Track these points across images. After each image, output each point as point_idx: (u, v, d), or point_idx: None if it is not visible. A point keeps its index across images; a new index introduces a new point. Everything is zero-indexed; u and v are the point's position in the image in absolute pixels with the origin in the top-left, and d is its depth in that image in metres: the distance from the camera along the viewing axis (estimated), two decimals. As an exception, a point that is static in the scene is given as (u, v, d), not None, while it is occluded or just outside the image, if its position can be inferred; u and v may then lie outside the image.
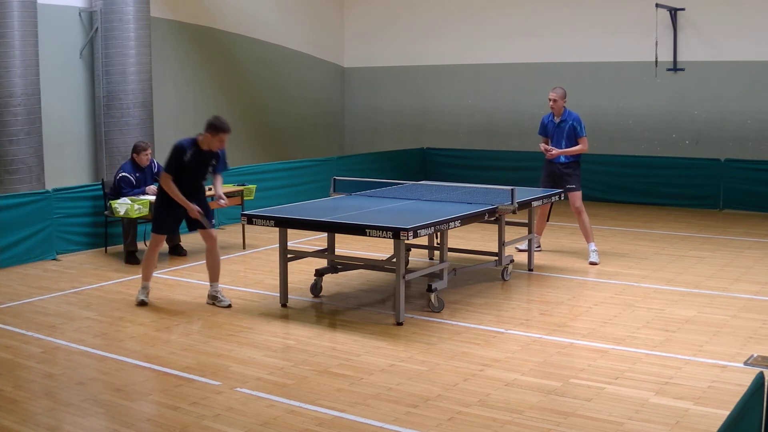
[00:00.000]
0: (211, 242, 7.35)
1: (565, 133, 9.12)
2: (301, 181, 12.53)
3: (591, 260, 8.88)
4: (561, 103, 9.13)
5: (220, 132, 7.06)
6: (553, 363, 5.73)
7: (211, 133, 7.05)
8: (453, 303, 7.25)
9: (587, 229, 9.04)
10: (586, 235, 9.06)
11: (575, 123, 9.10)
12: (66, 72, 11.33)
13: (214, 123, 7.08)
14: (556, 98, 9.11)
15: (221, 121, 7.09)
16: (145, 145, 9.31)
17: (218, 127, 7.05)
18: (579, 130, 9.08)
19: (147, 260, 7.42)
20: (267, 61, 14.69)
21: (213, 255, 7.36)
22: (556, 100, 9.11)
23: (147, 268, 7.44)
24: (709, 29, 12.76)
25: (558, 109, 9.13)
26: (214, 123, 7.08)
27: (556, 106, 9.12)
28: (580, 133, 9.08)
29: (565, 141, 9.12)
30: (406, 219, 6.78)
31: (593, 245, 9.00)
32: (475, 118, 15.06)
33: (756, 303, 7.23)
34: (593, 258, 8.89)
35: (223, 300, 7.31)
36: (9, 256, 8.89)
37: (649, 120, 13.44)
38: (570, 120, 9.11)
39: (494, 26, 14.67)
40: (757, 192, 12.22)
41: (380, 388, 5.27)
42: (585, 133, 9.14)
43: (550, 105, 9.17)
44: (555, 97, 9.12)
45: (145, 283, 7.43)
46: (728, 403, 4.81)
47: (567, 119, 9.12)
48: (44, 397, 5.24)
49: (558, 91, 9.16)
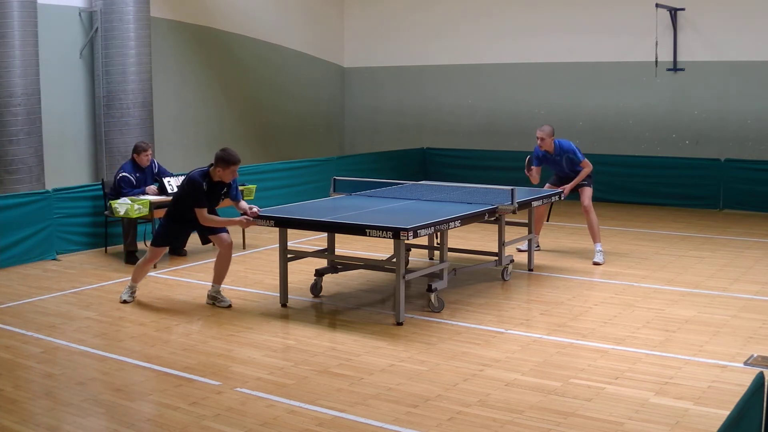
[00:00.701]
0: (226, 247, 7.31)
1: (564, 164, 9.09)
2: (301, 181, 12.53)
3: (595, 260, 8.85)
4: (549, 141, 8.99)
5: (231, 165, 6.99)
6: (553, 363, 5.73)
7: (222, 167, 6.97)
8: (453, 303, 7.25)
9: (594, 228, 9.01)
10: (593, 234, 9.03)
11: (570, 155, 9.02)
12: (66, 72, 11.33)
13: (224, 157, 6.96)
14: (543, 137, 8.96)
15: (230, 154, 6.98)
16: (146, 146, 9.30)
17: (229, 160, 6.97)
18: (576, 158, 9.01)
19: (141, 268, 7.47)
20: (267, 61, 14.69)
21: (225, 259, 7.31)
22: (543, 138, 8.96)
23: (139, 272, 7.50)
24: (709, 29, 12.76)
25: (548, 146, 9.01)
26: (224, 157, 6.96)
27: (544, 144, 8.99)
28: (579, 159, 9.01)
29: (567, 168, 9.09)
30: (406, 219, 6.78)
31: (599, 246, 8.97)
32: (475, 118, 15.06)
33: (756, 303, 7.23)
34: (598, 258, 8.86)
35: (223, 300, 7.31)
36: (9, 256, 8.89)
37: (649, 120, 13.44)
38: (563, 153, 9.02)
39: (494, 26, 14.67)
40: (757, 192, 12.22)
41: (380, 388, 5.27)
42: (583, 156, 9.08)
43: (538, 143, 9.01)
44: (543, 135, 8.96)
45: (133, 284, 7.51)
46: (728, 403, 4.81)
47: (561, 153, 9.03)
48: (44, 397, 5.24)
49: (546, 129, 9.00)
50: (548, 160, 9.17)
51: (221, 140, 13.86)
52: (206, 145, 13.62)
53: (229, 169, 6.99)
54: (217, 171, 7.01)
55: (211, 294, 7.38)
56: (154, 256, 7.40)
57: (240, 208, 7.31)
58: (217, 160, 7.00)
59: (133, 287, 7.48)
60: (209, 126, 13.70)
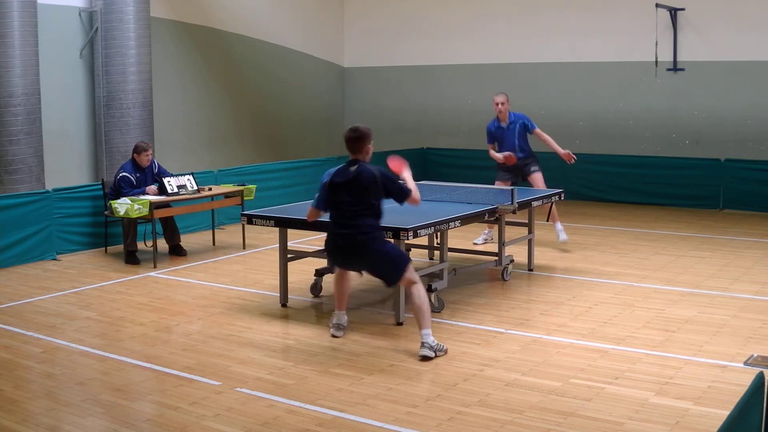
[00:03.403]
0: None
1: (516, 133, 9.44)
2: (301, 181, 12.52)
3: (562, 239, 9.45)
4: (508, 106, 9.46)
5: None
6: (553, 363, 5.73)
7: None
8: (453, 303, 7.25)
9: (554, 210, 9.44)
10: (554, 216, 9.47)
11: (525, 121, 9.46)
12: (66, 72, 11.34)
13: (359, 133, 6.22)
14: (504, 101, 9.44)
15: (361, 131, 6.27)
16: (146, 146, 9.30)
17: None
18: (530, 125, 9.46)
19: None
20: (267, 61, 14.69)
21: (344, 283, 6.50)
22: (504, 103, 9.43)
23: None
24: (709, 29, 12.76)
25: (506, 113, 9.44)
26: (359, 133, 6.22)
27: (504, 108, 9.42)
28: (532, 127, 9.46)
29: (518, 140, 9.46)
30: (406, 219, 6.78)
31: (560, 225, 9.52)
32: (475, 118, 15.03)
33: (756, 303, 7.23)
34: (563, 236, 9.47)
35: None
36: (9, 256, 8.89)
37: (649, 120, 13.44)
38: (518, 120, 9.45)
39: (494, 26, 14.67)
40: (757, 192, 12.21)
41: (380, 388, 5.27)
42: (535, 126, 9.52)
43: (498, 109, 9.44)
44: (503, 100, 9.44)
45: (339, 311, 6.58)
46: (728, 403, 4.81)
47: (515, 120, 9.45)
48: (44, 397, 5.24)
49: (504, 95, 9.51)
50: (501, 133, 9.52)
51: (221, 140, 13.90)
52: (206, 145, 13.64)
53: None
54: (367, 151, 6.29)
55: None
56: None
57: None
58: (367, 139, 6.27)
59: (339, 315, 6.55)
60: (209, 126, 13.70)
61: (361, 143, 6.18)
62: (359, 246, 6.02)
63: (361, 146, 6.18)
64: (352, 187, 6.07)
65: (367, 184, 6.06)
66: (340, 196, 6.11)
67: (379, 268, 6.09)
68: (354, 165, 6.15)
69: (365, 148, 6.21)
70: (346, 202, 6.08)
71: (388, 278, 6.11)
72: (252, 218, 7.23)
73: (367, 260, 6.08)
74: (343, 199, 6.09)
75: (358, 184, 6.06)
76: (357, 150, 6.19)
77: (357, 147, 6.19)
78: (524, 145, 9.53)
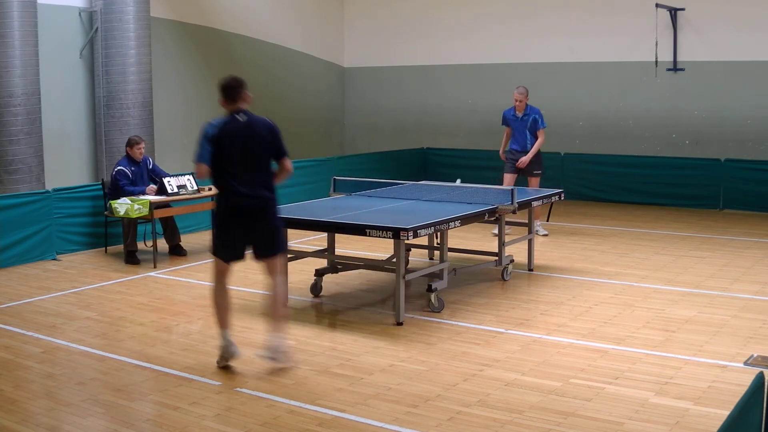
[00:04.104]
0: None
1: (528, 125, 10.28)
2: (301, 181, 12.51)
3: (543, 233, 10.27)
4: (525, 101, 10.31)
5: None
6: (553, 363, 5.73)
7: None
8: (453, 303, 7.25)
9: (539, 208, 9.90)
10: (537, 213, 9.88)
11: (537, 116, 10.29)
12: (66, 72, 11.33)
13: None
14: (522, 98, 10.28)
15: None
16: (139, 139, 9.39)
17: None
18: (540, 122, 10.28)
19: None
20: (267, 61, 14.69)
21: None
22: (522, 100, 10.28)
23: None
24: (709, 29, 12.76)
25: (523, 107, 10.30)
26: None
27: (521, 104, 10.29)
28: (541, 125, 10.28)
29: (528, 132, 10.29)
30: (406, 219, 6.78)
31: (538, 221, 10.16)
32: (475, 118, 15.05)
33: (756, 303, 7.23)
34: (543, 231, 10.34)
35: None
36: (9, 256, 8.88)
37: (649, 120, 13.44)
38: (532, 114, 10.30)
39: (494, 26, 14.67)
40: (757, 192, 12.21)
41: (380, 388, 5.27)
42: (545, 125, 10.36)
43: (516, 104, 10.30)
44: (521, 98, 10.28)
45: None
46: (728, 403, 4.81)
47: (529, 113, 10.30)
48: (44, 397, 5.23)
49: (522, 90, 10.33)
50: (515, 123, 10.38)
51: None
52: (206, 145, 13.62)
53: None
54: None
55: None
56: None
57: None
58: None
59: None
60: (209, 126, 13.67)
61: (241, 88, 5.68)
62: (261, 212, 5.60)
63: (241, 91, 5.68)
64: (247, 139, 5.58)
65: (263, 132, 5.64)
66: (231, 152, 5.54)
67: (270, 239, 5.68)
68: (240, 114, 5.64)
69: (244, 93, 5.70)
70: (242, 159, 5.55)
71: (275, 246, 5.69)
72: (252, 218, 7.21)
73: (263, 228, 5.64)
74: (237, 157, 5.55)
75: (254, 135, 5.60)
76: (238, 96, 5.66)
77: (237, 93, 5.67)
78: (533, 139, 10.29)
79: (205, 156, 5.59)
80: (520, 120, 10.31)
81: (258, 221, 5.64)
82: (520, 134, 10.35)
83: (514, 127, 10.40)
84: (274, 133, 5.71)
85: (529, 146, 10.27)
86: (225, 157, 5.56)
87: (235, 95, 5.67)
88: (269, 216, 5.67)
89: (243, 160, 5.58)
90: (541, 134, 10.26)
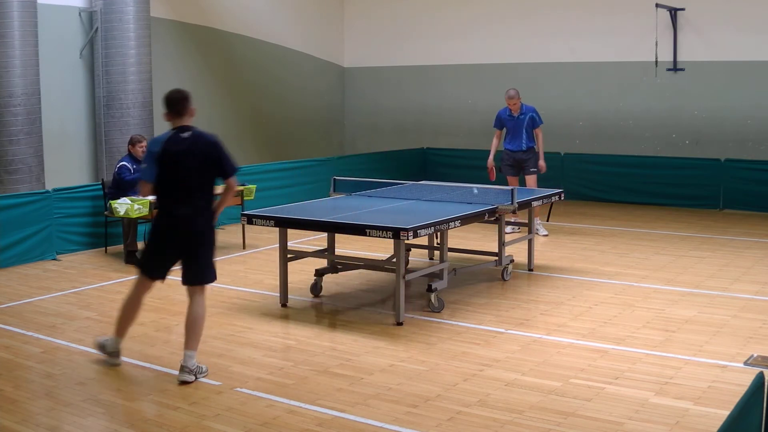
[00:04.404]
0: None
1: (524, 124, 10.18)
2: (301, 181, 12.52)
3: (543, 233, 10.17)
4: (519, 101, 10.17)
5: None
6: (553, 363, 5.73)
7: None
8: (453, 303, 7.25)
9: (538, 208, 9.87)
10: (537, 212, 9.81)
11: (533, 114, 10.21)
12: (66, 72, 11.33)
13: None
14: (515, 101, 10.13)
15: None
16: (141, 138, 9.43)
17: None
18: (538, 119, 10.21)
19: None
20: (267, 60, 14.69)
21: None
22: (515, 102, 10.14)
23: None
24: (709, 29, 12.76)
25: (518, 107, 10.18)
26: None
27: (516, 105, 10.16)
28: (538, 122, 10.21)
29: (524, 131, 10.18)
30: (406, 219, 6.78)
31: (538, 220, 10.09)
32: (475, 118, 15.04)
33: (756, 303, 7.23)
34: (543, 231, 10.24)
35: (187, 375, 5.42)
36: (9, 256, 8.88)
37: (649, 120, 13.44)
38: (528, 112, 10.21)
39: (494, 26, 14.66)
40: (757, 192, 12.21)
41: (380, 388, 5.27)
42: (542, 121, 10.29)
43: (510, 105, 10.18)
44: (514, 100, 10.12)
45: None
46: (728, 403, 4.81)
47: (525, 112, 10.21)
48: (44, 397, 5.23)
49: (513, 93, 10.15)
50: (511, 123, 10.26)
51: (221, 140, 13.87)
52: (206, 145, 13.63)
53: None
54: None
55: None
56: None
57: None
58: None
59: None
60: (209, 126, 13.51)
61: (186, 102, 5.58)
62: (194, 233, 5.42)
63: (187, 106, 5.59)
64: (188, 158, 5.43)
65: (206, 150, 5.49)
66: (173, 168, 5.41)
67: (197, 268, 5.46)
68: (185, 131, 5.56)
69: (190, 108, 5.62)
70: (182, 176, 5.40)
71: (200, 277, 5.48)
72: (252, 218, 7.23)
73: (191, 255, 5.45)
74: (177, 174, 5.41)
75: (196, 153, 5.46)
76: (183, 110, 5.59)
77: (183, 107, 5.58)
78: (530, 138, 10.24)
79: (148, 174, 5.49)
80: (516, 119, 10.23)
81: (188, 247, 5.46)
82: (516, 134, 10.25)
83: (509, 126, 10.31)
84: (218, 150, 5.55)
85: (525, 146, 10.19)
86: (165, 175, 5.43)
87: (180, 109, 5.57)
88: (200, 243, 5.45)
89: (182, 180, 5.43)
90: (540, 132, 10.23)
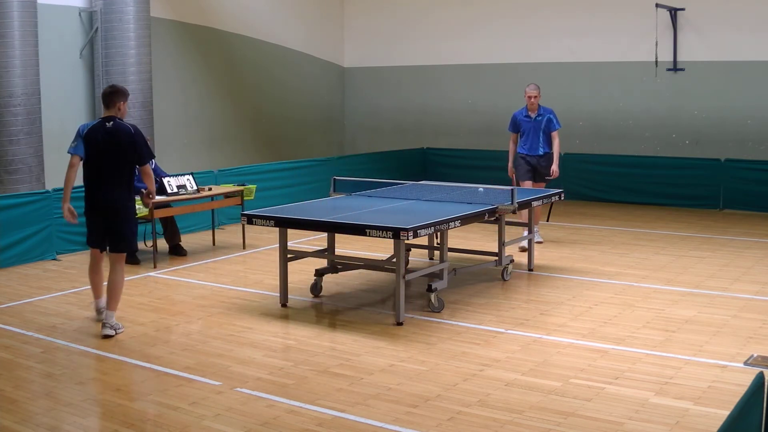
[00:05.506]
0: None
1: (542, 126, 9.68)
2: (301, 181, 12.53)
3: (537, 240, 9.50)
4: (539, 98, 9.67)
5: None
6: (553, 363, 5.73)
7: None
8: (453, 303, 7.25)
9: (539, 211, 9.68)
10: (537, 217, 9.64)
11: (551, 116, 9.70)
12: (66, 72, 11.33)
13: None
14: (537, 94, 9.61)
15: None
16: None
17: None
18: (555, 122, 9.71)
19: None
20: (267, 61, 14.69)
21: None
22: (536, 96, 9.61)
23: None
24: (709, 29, 12.76)
25: (536, 106, 9.68)
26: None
27: (536, 102, 9.64)
28: (556, 125, 9.71)
29: (542, 134, 9.69)
30: (406, 219, 6.78)
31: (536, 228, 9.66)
32: (475, 118, 15.05)
33: (756, 303, 7.23)
34: (539, 238, 9.66)
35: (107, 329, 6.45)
36: (9, 256, 8.88)
37: (649, 120, 13.44)
38: (546, 114, 9.70)
39: (494, 26, 14.67)
40: (757, 192, 12.21)
41: (380, 388, 5.27)
42: (560, 125, 9.80)
43: (530, 101, 9.65)
44: (535, 92, 9.61)
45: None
46: (728, 403, 4.81)
47: (543, 114, 9.70)
48: (44, 397, 5.23)
49: (535, 87, 9.66)
50: (528, 125, 9.71)
51: (221, 140, 13.90)
52: (206, 145, 13.63)
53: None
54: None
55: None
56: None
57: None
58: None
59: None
60: (209, 126, 13.70)
61: (116, 97, 6.44)
62: (113, 212, 6.39)
63: (115, 100, 6.43)
64: (108, 146, 6.33)
65: (124, 139, 6.33)
66: (95, 154, 6.34)
67: (117, 237, 6.45)
68: (109, 121, 6.40)
69: (118, 103, 6.45)
70: (102, 163, 6.35)
71: (119, 246, 6.50)
72: (252, 218, 7.23)
73: (113, 227, 6.43)
74: (99, 159, 6.35)
75: (114, 141, 6.33)
76: (111, 104, 6.43)
77: (111, 101, 6.43)
78: (547, 142, 9.77)
79: (77, 149, 6.40)
80: (533, 121, 9.66)
81: (109, 220, 6.44)
82: (532, 137, 9.67)
83: (525, 129, 9.72)
84: (133, 141, 6.40)
85: (541, 150, 9.65)
86: (88, 158, 6.39)
87: (108, 102, 6.47)
88: (119, 217, 6.44)
89: (103, 164, 6.37)
90: (556, 136, 9.68)
